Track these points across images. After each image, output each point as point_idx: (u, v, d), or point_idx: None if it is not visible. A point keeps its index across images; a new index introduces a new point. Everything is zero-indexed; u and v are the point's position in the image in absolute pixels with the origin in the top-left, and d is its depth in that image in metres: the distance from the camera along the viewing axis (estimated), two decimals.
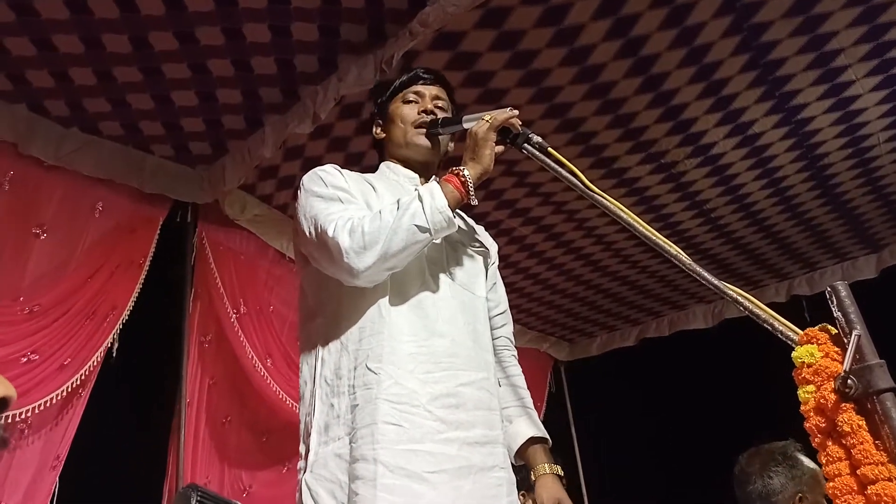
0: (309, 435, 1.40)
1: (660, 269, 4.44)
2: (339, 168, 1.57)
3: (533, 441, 1.59)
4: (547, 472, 1.55)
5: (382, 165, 1.69)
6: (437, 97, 1.66)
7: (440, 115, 1.63)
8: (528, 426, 1.60)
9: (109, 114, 2.80)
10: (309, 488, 1.35)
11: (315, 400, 1.42)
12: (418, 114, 1.62)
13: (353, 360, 1.39)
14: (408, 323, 1.41)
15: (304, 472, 1.37)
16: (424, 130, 1.61)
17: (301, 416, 1.47)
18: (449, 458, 1.31)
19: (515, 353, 1.73)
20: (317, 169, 1.56)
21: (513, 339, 1.74)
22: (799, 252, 4.38)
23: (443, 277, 1.50)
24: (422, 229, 1.34)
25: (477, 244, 1.64)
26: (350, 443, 1.32)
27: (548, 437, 1.61)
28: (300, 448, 1.44)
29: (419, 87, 1.66)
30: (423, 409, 1.33)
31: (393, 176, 1.64)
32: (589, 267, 4.37)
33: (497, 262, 1.77)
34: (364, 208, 1.45)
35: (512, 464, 1.59)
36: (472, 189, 1.39)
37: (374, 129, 1.74)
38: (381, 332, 1.39)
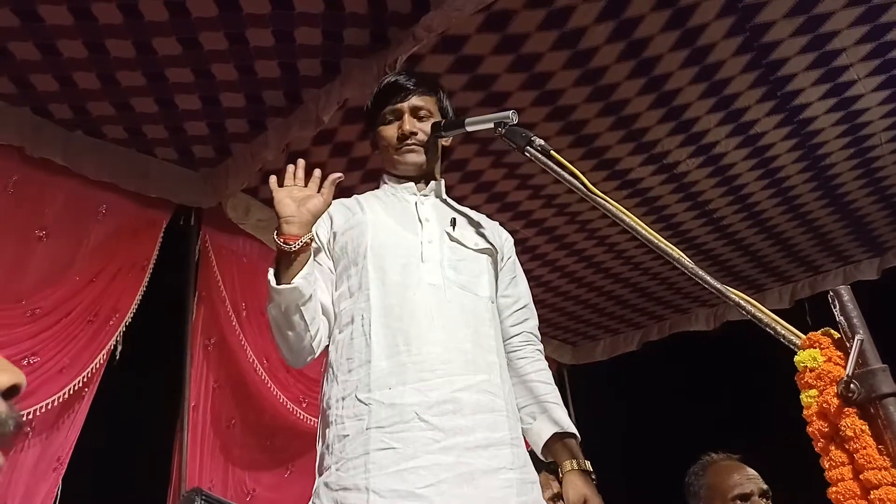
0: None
1: (662, 270, 4.44)
2: (338, 205, 1.58)
3: (558, 437, 1.54)
4: (573, 469, 1.49)
5: (383, 181, 1.71)
6: (415, 108, 1.64)
7: (419, 127, 1.62)
8: (549, 423, 1.55)
9: (113, 117, 2.81)
10: None
11: (319, 430, 1.46)
12: (398, 137, 1.62)
13: (342, 390, 1.40)
14: (401, 336, 1.40)
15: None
16: (410, 148, 1.61)
17: None
18: (446, 468, 1.29)
19: (540, 347, 1.69)
20: None
21: (537, 333, 1.70)
22: (801, 255, 4.38)
23: (439, 283, 1.48)
24: (277, 306, 1.38)
25: (477, 242, 1.62)
26: (336, 471, 1.33)
27: (573, 431, 1.56)
28: None
29: (395, 105, 1.64)
30: (418, 420, 1.32)
31: (392, 191, 1.66)
32: (591, 269, 4.37)
33: (514, 257, 1.75)
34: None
35: (542, 460, 1.57)
36: (281, 244, 1.36)
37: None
38: (368, 361, 1.39)
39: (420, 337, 1.40)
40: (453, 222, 1.60)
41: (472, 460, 1.32)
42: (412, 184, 1.64)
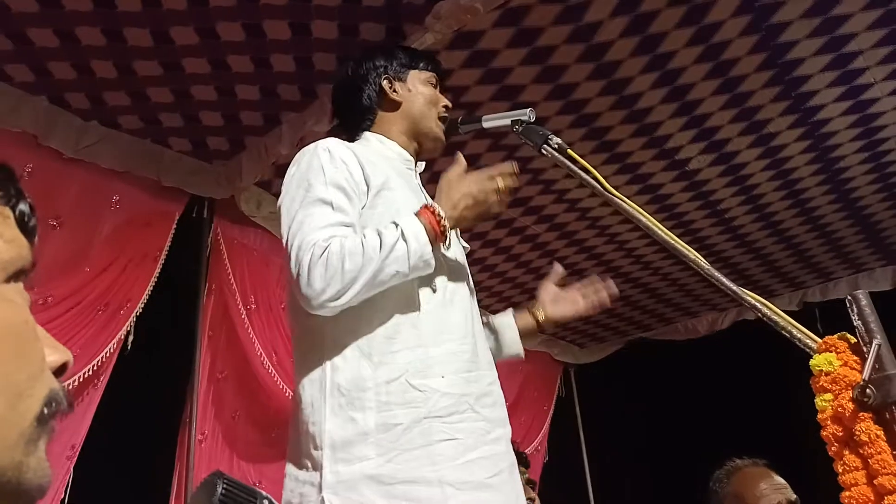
0: (317, 448, 1.28)
1: (672, 271, 4.42)
2: (345, 148, 1.43)
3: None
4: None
5: (372, 138, 1.59)
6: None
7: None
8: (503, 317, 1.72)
9: (129, 107, 2.81)
10: None
11: (325, 409, 1.29)
12: (443, 106, 1.64)
13: (388, 372, 1.28)
14: (446, 325, 1.37)
15: (322, 489, 1.24)
16: (443, 126, 1.62)
17: (300, 421, 1.33)
18: (501, 458, 1.33)
19: None
20: (320, 151, 1.41)
21: None
22: (813, 260, 4.35)
23: (461, 281, 1.48)
24: (402, 275, 1.29)
25: (461, 240, 1.62)
26: (387, 462, 1.22)
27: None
28: (302, 458, 1.32)
29: (442, 77, 1.71)
30: (471, 411, 1.31)
31: (388, 152, 1.56)
32: (601, 267, 4.36)
33: None
34: (351, 218, 1.36)
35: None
36: (447, 231, 1.34)
37: (382, 82, 1.61)
38: (419, 345, 1.31)
39: (459, 328, 1.39)
40: None
41: (509, 451, 1.37)
42: (412, 159, 1.60)
